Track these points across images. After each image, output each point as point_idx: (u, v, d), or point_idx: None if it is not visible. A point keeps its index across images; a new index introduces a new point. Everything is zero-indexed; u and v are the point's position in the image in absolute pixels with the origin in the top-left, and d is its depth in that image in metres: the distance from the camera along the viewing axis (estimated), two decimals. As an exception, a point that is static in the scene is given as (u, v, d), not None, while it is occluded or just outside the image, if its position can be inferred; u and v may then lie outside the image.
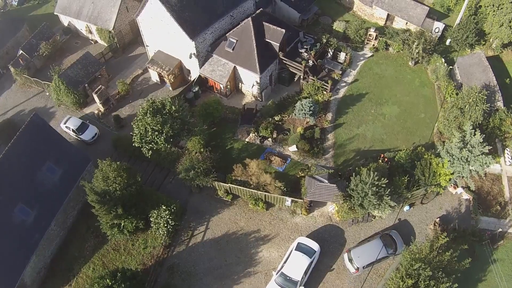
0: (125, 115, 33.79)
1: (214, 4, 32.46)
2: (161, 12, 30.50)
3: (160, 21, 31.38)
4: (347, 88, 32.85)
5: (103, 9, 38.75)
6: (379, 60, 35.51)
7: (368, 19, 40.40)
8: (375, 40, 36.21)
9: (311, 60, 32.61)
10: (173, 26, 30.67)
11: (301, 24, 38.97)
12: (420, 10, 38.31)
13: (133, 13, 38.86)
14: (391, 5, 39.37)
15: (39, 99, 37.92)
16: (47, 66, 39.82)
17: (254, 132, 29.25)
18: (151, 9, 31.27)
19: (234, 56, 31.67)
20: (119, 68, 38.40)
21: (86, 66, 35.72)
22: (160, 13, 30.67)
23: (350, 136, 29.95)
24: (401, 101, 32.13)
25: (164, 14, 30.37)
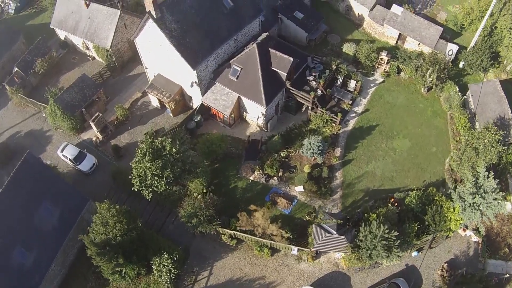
0: (124, 143, 31.49)
1: (217, 28, 29.52)
2: (160, 38, 27.75)
3: (159, 45, 28.60)
4: (357, 119, 30.45)
5: (100, 25, 35.75)
6: (390, 87, 32.93)
7: (379, 38, 37.49)
8: (387, 65, 33.48)
9: (320, 90, 30.03)
10: (173, 53, 27.98)
11: (308, 44, 36.05)
12: (433, 31, 35.24)
13: (131, 29, 35.85)
14: (403, 24, 36.36)
15: (36, 120, 35.48)
16: (43, 83, 37.50)
17: (259, 170, 27.20)
18: (149, 33, 28.48)
19: (239, 86, 29.16)
20: (117, 88, 35.75)
21: (83, 89, 33.18)
22: (159, 39, 27.92)
23: (359, 174, 27.91)
24: (412, 133, 29.90)
25: (163, 40, 27.62)
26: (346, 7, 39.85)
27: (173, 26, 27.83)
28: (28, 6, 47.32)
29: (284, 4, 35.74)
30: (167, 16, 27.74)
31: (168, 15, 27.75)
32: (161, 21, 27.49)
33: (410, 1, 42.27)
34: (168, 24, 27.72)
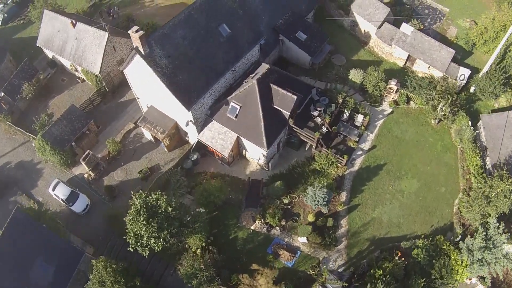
0: (117, 181, 28.68)
1: (213, 60, 25.77)
2: (150, 74, 24.13)
3: (150, 81, 24.98)
4: (363, 157, 27.47)
5: (88, 47, 31.78)
6: (399, 118, 29.53)
7: (386, 58, 33.54)
8: (396, 93, 30.01)
9: (325, 127, 26.92)
10: (165, 91, 24.45)
11: (311, 67, 32.19)
12: (445, 54, 31.25)
13: (122, 51, 32.27)
14: (413, 45, 32.13)
15: (25, 150, 32.16)
16: (32, 107, 34.25)
17: (260, 219, 24.63)
18: (138, 67, 24.77)
19: (238, 125, 25.87)
20: (109, 116, 32.30)
21: (72, 122, 29.81)
22: (149, 75, 24.29)
23: (365, 221, 25.38)
24: (421, 172, 27.19)
25: (154, 77, 24.05)
26: (352, 22, 35.75)
27: (163, 62, 24.09)
28: (16, 17, 42.96)
29: (286, 23, 31.43)
30: (156, 51, 23.97)
31: (158, 50, 23.98)
32: (150, 57, 23.75)
33: (418, 15, 39.05)
34: (158, 60, 23.98)
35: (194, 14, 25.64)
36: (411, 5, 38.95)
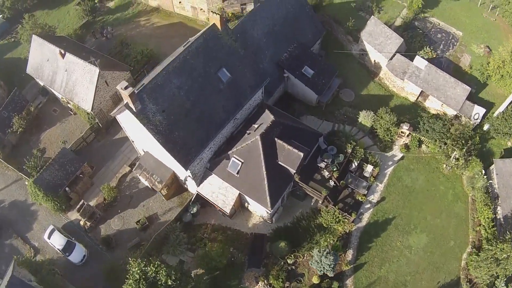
0: (114, 230, 26.30)
1: (213, 111, 22.78)
2: (143, 130, 21.15)
3: (144, 135, 21.83)
4: (372, 211, 25.16)
5: (79, 82, 28.50)
6: (409, 165, 26.87)
7: (397, 92, 30.37)
8: (407, 137, 27.21)
9: (333, 181, 24.46)
10: (161, 148, 21.57)
11: (318, 104, 29.14)
12: (460, 91, 28.12)
13: (114, 84, 28.82)
14: (427, 81, 28.75)
15: (19, 189, 29.57)
16: (23, 141, 31.38)
17: (263, 280, 22.62)
18: (131, 120, 21.55)
19: (239, 182, 23.22)
20: (103, 155, 29.46)
21: (64, 165, 27.13)
22: (142, 131, 21.34)
23: (371, 281, 23.38)
24: (431, 225, 25.02)
25: (147, 135, 21.18)
26: (361, 50, 32.02)
27: (157, 118, 21.03)
28: (7, 34, 39.50)
29: (291, 57, 27.95)
30: (150, 106, 20.88)
31: (151, 105, 20.88)
32: (143, 114, 20.71)
33: (431, 42, 35.34)
34: (152, 117, 20.95)
35: (190, 59, 22.27)
36: (423, 29, 35.43)
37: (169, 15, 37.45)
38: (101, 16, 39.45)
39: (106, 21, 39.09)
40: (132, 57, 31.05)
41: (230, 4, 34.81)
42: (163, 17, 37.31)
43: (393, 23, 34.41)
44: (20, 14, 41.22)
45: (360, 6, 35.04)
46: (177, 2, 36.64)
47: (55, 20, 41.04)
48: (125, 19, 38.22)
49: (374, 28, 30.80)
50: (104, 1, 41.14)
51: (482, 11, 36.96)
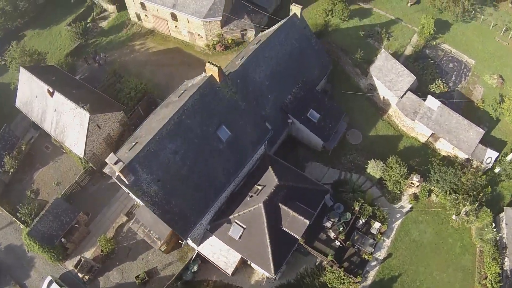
0: (113, 284, 24.37)
1: (212, 175, 20.41)
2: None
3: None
4: (378, 268, 23.21)
5: (69, 124, 25.90)
6: (418, 217, 24.65)
7: (406, 132, 27.65)
8: (417, 188, 24.85)
9: (338, 241, 22.52)
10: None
11: (324, 149, 26.36)
12: (473, 134, 25.61)
13: (107, 126, 26.24)
14: (439, 123, 26.14)
15: (14, 232, 27.54)
16: (16, 179, 29.03)
17: None
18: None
19: (241, 246, 21.13)
20: (99, 201, 27.10)
21: (59, 216, 24.95)
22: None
23: None
24: (437, 281, 23.11)
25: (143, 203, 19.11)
26: (369, 85, 29.26)
27: (153, 188, 18.75)
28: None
29: (296, 99, 25.09)
30: (143, 177, 18.56)
31: (144, 175, 18.56)
32: (136, 185, 18.42)
33: (443, 73, 31.75)
34: (146, 188, 18.65)
35: (185, 119, 19.60)
36: (435, 58, 32.03)
37: (165, 39, 33.91)
38: (94, 38, 35.87)
39: (99, 43, 35.65)
40: (126, 93, 28.02)
41: (229, 30, 31.54)
42: (158, 41, 33.75)
43: (403, 52, 31.18)
44: (11, 33, 38.18)
45: (369, 32, 31.50)
46: (173, 26, 33.03)
47: (46, 41, 37.56)
48: (119, 43, 34.71)
49: (384, 63, 27.78)
50: (97, 21, 37.54)
51: (495, 34, 33.69)
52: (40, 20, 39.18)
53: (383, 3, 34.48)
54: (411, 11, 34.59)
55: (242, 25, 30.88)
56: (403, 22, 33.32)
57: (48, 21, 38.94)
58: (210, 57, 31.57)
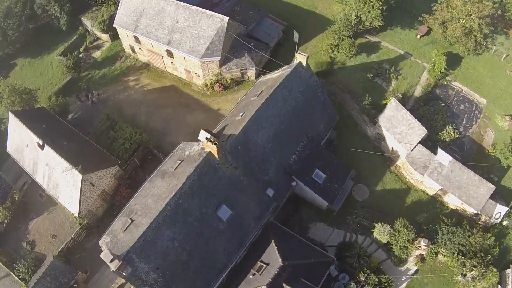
0: None
1: (213, 258, 18.64)
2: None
3: None
4: None
5: (61, 181, 23.72)
6: (424, 279, 22.76)
7: (414, 184, 25.40)
8: (424, 250, 22.93)
9: None
10: None
11: (328, 208, 23.90)
12: (483, 190, 23.48)
13: (101, 183, 24.11)
14: (449, 178, 23.84)
15: (13, 284, 25.33)
16: (12, 229, 27.03)
17: None
18: None
19: None
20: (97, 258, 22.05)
21: (57, 277, 23.13)
22: None
23: None
24: None
25: None
26: (377, 134, 26.57)
27: (152, 277, 17.08)
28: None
29: (300, 159, 22.67)
30: (141, 267, 16.83)
31: (142, 264, 16.83)
32: (135, 276, 16.71)
33: (454, 116, 28.60)
34: (145, 277, 16.97)
35: (183, 203, 17.57)
36: (445, 99, 29.04)
37: (160, 75, 30.75)
38: (86, 71, 32.72)
39: (92, 77, 32.57)
40: (120, 143, 25.50)
41: (228, 69, 28.56)
42: (154, 77, 30.64)
43: (413, 93, 28.37)
44: (2, 61, 35.03)
45: (377, 71, 28.60)
46: (168, 61, 29.99)
47: (38, 72, 34.34)
48: (113, 77, 31.61)
49: (394, 113, 25.11)
50: (90, 51, 34.21)
51: (506, 67, 30.94)
52: (31, 48, 35.87)
53: (392, 35, 31.35)
54: (421, 43, 31.57)
55: (242, 64, 27.84)
56: (412, 57, 30.41)
57: (39, 49, 35.60)
58: (208, 97, 28.80)
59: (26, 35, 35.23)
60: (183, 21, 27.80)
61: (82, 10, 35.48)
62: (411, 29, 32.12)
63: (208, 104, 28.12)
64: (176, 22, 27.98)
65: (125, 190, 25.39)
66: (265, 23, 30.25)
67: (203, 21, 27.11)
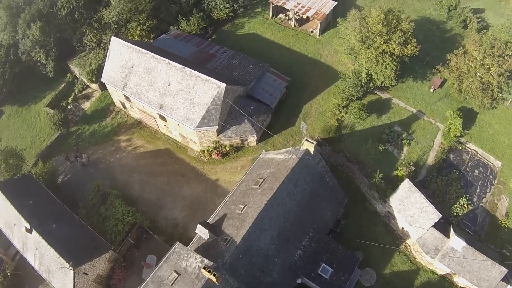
0: None
1: None
2: None
3: None
4: None
5: (53, 267, 20.50)
6: None
7: (424, 265, 22.23)
8: None
9: None
10: None
11: None
12: (495, 273, 20.37)
13: (96, 269, 20.98)
14: (461, 263, 20.72)
15: None
16: None
17: None
18: None
19: None
20: None
21: None
22: None
23: None
24: None
25: None
26: (387, 213, 22.75)
27: None
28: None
29: (305, 254, 19.45)
30: None
31: None
32: None
33: (468, 185, 25.02)
34: None
35: None
36: (460, 165, 25.19)
37: (153, 135, 26.70)
38: (76, 126, 28.60)
39: (82, 133, 28.33)
40: (112, 224, 22.16)
41: (227, 137, 24.43)
42: (147, 138, 26.58)
43: (426, 162, 24.55)
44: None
45: (388, 136, 24.69)
46: (162, 123, 25.70)
47: (25, 125, 30.01)
48: (103, 135, 27.57)
49: (407, 194, 21.31)
50: (79, 101, 29.83)
51: (521, 120, 27.55)
52: (19, 94, 31.53)
53: (403, 90, 27.09)
54: (434, 99, 27.42)
55: (242, 132, 23.95)
56: (425, 117, 26.35)
57: (27, 96, 31.29)
58: (206, 165, 25.00)
59: (12, 82, 30.83)
60: (175, 84, 23.53)
61: (69, 55, 30.95)
62: (424, 80, 27.85)
63: (206, 173, 24.51)
64: (168, 85, 23.72)
65: (121, 272, 22.63)
66: (267, 79, 25.89)
67: (198, 87, 22.93)
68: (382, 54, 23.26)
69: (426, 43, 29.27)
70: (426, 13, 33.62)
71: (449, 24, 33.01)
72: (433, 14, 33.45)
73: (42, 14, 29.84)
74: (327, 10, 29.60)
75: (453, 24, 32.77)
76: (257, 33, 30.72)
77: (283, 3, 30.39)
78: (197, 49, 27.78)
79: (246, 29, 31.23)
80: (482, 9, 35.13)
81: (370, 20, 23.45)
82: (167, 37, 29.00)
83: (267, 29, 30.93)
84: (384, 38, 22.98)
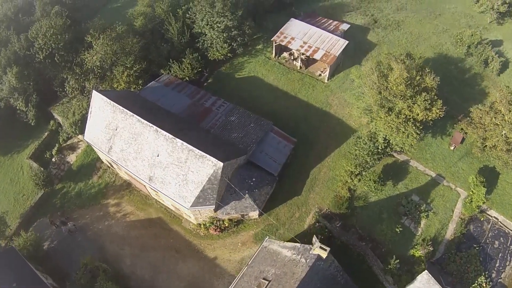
0: None
1: None
2: None
3: None
4: None
5: None
6: None
7: None
8: None
9: None
10: None
11: None
12: None
13: None
14: None
15: None
16: None
17: None
18: None
19: None
20: None
21: None
22: None
23: None
24: None
25: None
26: None
27: None
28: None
29: None
30: None
31: None
32: None
33: (487, 259, 20.22)
34: None
35: None
36: (479, 237, 20.68)
37: (144, 201, 21.88)
38: (60, 183, 23.66)
39: (67, 193, 23.38)
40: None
41: (226, 213, 19.55)
42: (137, 204, 21.78)
43: (444, 236, 20.07)
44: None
45: (404, 209, 20.11)
46: (153, 192, 20.89)
47: (8, 178, 25.04)
48: (90, 197, 22.73)
49: (426, 287, 18.22)
50: (64, 152, 24.70)
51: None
52: (1, 142, 26.18)
53: (422, 149, 22.05)
54: (455, 158, 22.45)
55: (243, 208, 19.26)
56: (445, 181, 21.52)
57: (10, 144, 26.08)
58: (203, 240, 20.38)
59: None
60: (165, 155, 18.46)
61: (52, 99, 25.55)
62: (444, 136, 22.82)
63: (203, 249, 20.08)
64: (158, 155, 18.79)
65: None
66: (270, 140, 20.76)
67: (191, 162, 17.95)
68: (405, 122, 18.28)
69: (445, 86, 24.03)
70: (443, 48, 28.00)
71: (468, 61, 27.49)
72: (450, 50, 27.80)
73: (19, 56, 24.11)
74: (338, 51, 23.95)
75: (472, 62, 27.32)
76: (259, 77, 25.10)
77: (288, 43, 24.57)
78: (191, 101, 22.41)
79: (246, 71, 25.57)
80: (501, 40, 29.52)
81: (392, 80, 18.38)
82: (157, 85, 23.52)
83: (269, 72, 25.33)
84: (408, 103, 18.07)
